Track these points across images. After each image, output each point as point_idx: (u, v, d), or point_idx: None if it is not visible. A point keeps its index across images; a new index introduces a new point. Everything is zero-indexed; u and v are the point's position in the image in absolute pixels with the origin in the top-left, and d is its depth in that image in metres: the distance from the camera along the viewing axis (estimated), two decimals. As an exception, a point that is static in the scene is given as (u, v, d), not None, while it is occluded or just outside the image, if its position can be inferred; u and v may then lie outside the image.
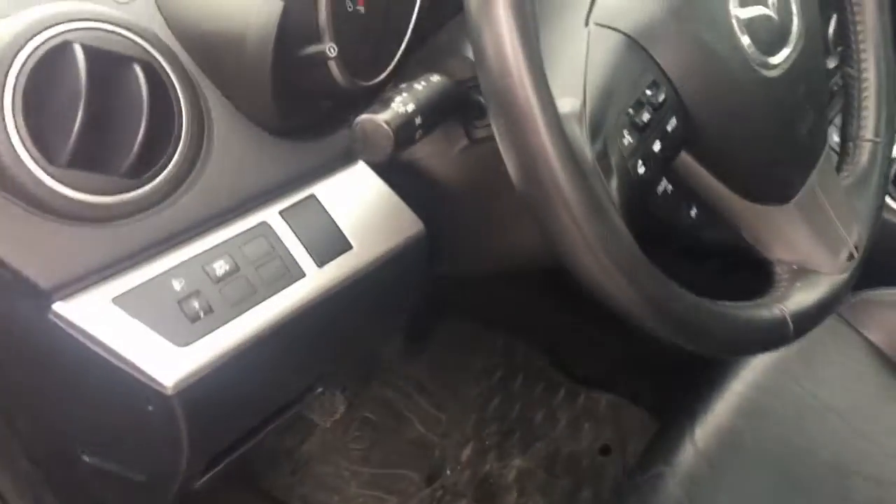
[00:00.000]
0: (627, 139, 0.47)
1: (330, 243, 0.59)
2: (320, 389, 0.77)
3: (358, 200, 0.61)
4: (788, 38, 0.56)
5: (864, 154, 0.68)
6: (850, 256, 0.63)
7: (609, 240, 0.43)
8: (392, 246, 0.62)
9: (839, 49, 0.71)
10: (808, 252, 0.61)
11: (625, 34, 0.50)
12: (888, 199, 0.96)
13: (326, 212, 0.59)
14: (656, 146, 0.49)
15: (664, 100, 0.50)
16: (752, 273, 0.62)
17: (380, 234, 0.61)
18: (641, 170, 0.48)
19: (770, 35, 0.55)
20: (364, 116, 0.48)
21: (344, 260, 0.59)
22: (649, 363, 1.06)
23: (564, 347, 1.29)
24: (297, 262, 0.56)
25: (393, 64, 0.60)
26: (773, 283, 0.60)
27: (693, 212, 0.57)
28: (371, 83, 0.58)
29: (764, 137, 0.55)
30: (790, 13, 0.57)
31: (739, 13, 0.53)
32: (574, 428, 1.25)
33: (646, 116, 0.48)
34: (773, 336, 0.54)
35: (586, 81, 0.48)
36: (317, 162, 0.60)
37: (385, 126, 0.47)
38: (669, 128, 0.50)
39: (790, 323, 0.56)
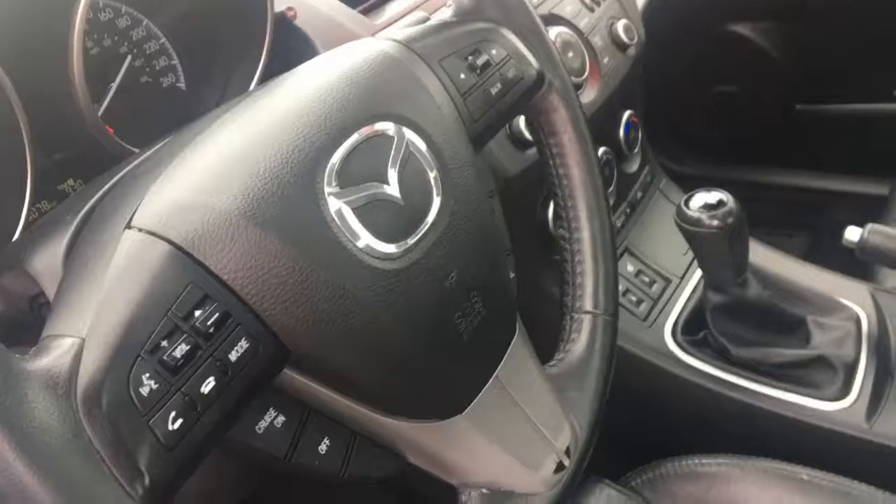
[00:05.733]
0: (149, 386, 0.36)
1: None
2: None
3: None
4: (422, 219, 0.45)
5: (583, 330, 0.58)
6: (559, 466, 0.51)
7: None
8: None
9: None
10: (495, 470, 0.49)
11: (169, 241, 0.39)
12: (679, 354, 0.86)
13: None
14: (206, 385, 0.37)
15: (220, 319, 0.38)
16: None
17: None
18: (176, 424, 0.36)
19: (390, 218, 0.44)
20: None
21: None
22: None
23: None
24: None
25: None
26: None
27: (323, 446, 0.44)
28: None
29: (396, 343, 0.44)
30: (425, 188, 0.46)
31: (338, 197, 0.42)
32: None
33: (181, 350, 0.37)
34: None
35: (98, 311, 0.36)
36: None
37: None
38: (234, 355, 0.38)
39: None
